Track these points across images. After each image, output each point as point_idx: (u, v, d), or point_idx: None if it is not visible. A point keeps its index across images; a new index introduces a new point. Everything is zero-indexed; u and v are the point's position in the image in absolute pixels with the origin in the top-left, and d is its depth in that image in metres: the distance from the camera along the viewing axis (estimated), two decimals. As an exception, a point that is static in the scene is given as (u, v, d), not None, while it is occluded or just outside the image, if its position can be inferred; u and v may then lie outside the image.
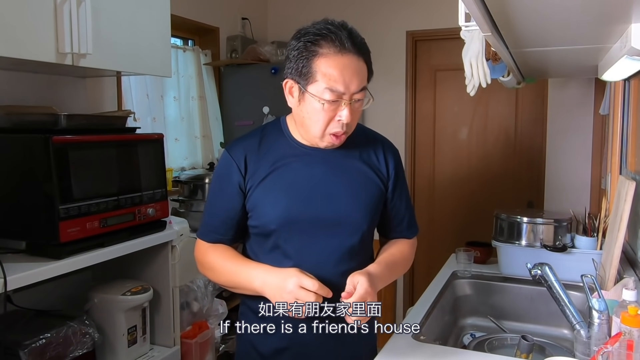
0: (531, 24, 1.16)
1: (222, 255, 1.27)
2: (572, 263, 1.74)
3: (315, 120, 1.18)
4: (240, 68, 3.24)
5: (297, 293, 1.09)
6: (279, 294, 1.12)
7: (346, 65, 1.15)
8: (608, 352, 1.07)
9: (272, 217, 1.23)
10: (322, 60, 1.15)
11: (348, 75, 1.15)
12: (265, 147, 1.28)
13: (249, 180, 1.25)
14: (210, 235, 1.30)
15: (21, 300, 1.72)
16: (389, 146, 1.36)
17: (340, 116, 1.17)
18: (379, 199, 1.30)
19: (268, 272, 1.18)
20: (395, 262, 1.31)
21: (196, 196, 2.64)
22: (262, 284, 1.17)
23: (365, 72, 1.19)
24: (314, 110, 1.18)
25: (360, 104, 1.20)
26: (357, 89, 1.16)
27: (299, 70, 1.17)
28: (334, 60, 1.14)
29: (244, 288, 1.23)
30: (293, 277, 1.11)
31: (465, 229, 3.45)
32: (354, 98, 1.17)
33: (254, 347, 1.31)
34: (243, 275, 1.22)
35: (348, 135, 1.24)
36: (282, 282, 1.12)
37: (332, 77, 1.14)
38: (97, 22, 1.69)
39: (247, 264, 1.26)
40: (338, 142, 1.23)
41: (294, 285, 1.10)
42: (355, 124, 1.25)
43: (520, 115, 3.41)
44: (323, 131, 1.20)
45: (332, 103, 1.16)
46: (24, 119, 1.75)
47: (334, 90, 1.14)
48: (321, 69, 1.15)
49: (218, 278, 1.29)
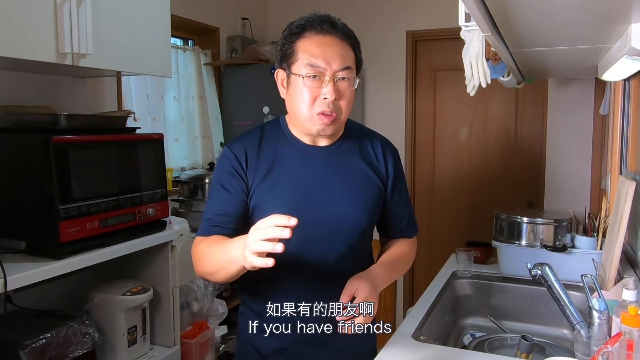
0: (531, 24, 1.16)
1: (209, 242, 1.18)
2: (572, 263, 1.74)
3: (300, 100, 1.18)
4: (240, 68, 3.24)
5: (257, 233, 0.94)
6: (244, 250, 0.96)
7: (327, 43, 1.17)
8: (608, 352, 1.07)
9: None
10: (304, 40, 1.18)
11: (329, 52, 1.16)
12: (265, 145, 1.27)
13: (250, 177, 1.24)
14: (211, 229, 1.22)
15: (21, 300, 1.72)
16: (388, 145, 1.36)
17: (324, 94, 1.16)
18: (378, 198, 1.30)
19: (241, 239, 1.03)
20: (396, 262, 1.31)
21: (196, 196, 2.63)
22: (235, 252, 1.02)
23: (350, 54, 1.20)
24: (298, 91, 1.18)
25: (347, 84, 1.19)
26: (339, 66, 1.17)
27: (284, 54, 1.21)
28: (315, 39, 1.18)
29: (225, 264, 1.10)
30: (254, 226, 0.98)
31: (465, 229, 3.45)
32: (337, 75, 1.17)
33: (253, 347, 1.31)
34: (222, 252, 1.10)
35: (340, 121, 1.21)
36: (245, 237, 0.99)
37: (313, 54, 1.16)
38: (97, 22, 1.69)
39: (228, 240, 1.12)
40: (329, 125, 1.19)
41: (253, 229, 0.96)
42: (348, 107, 1.21)
43: (520, 115, 3.41)
44: (309, 110, 1.18)
45: (314, 80, 1.16)
46: (24, 119, 1.75)
47: (314, 65, 1.16)
48: (302, 48, 1.18)
49: (204, 267, 1.18)
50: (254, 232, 0.95)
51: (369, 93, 3.63)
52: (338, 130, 1.27)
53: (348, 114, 1.23)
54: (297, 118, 1.23)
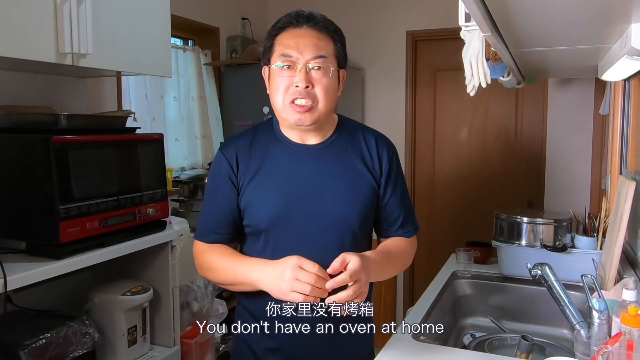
0: (531, 24, 1.16)
1: (220, 254, 1.26)
2: (572, 263, 1.74)
3: (275, 90, 1.21)
4: (240, 68, 3.24)
5: (298, 273, 1.06)
6: (277, 282, 1.09)
7: (302, 34, 1.20)
8: (608, 352, 1.07)
9: (262, 216, 1.23)
10: (281, 34, 1.22)
11: (302, 43, 1.19)
12: (256, 145, 1.28)
13: (241, 178, 1.25)
14: (208, 236, 1.30)
15: (21, 300, 1.72)
16: (383, 141, 1.32)
17: (296, 82, 1.18)
18: (371, 196, 1.27)
19: (265, 263, 1.17)
20: (391, 254, 1.28)
21: (196, 196, 2.63)
22: (259, 276, 1.15)
23: (326, 44, 1.21)
24: (274, 82, 1.21)
25: (321, 73, 1.19)
26: (312, 55, 1.18)
27: (264, 50, 1.25)
28: (291, 32, 1.21)
29: (242, 283, 1.21)
30: (293, 258, 1.09)
31: (465, 229, 3.45)
32: (310, 64, 1.18)
33: (248, 347, 1.31)
34: (240, 270, 1.21)
35: (319, 110, 1.20)
36: (280, 268, 1.09)
37: (286, 45, 1.19)
38: (97, 22, 1.69)
39: (245, 258, 1.25)
40: (304, 113, 1.18)
41: (294, 266, 1.07)
42: (326, 96, 1.19)
43: (520, 115, 3.41)
44: (283, 100, 1.20)
45: (288, 70, 1.19)
46: (24, 119, 1.75)
47: (285, 54, 1.19)
48: (279, 42, 1.22)
49: (217, 277, 1.28)
50: (296, 271, 1.07)
51: (369, 93, 3.63)
52: (321, 122, 1.24)
53: (328, 104, 1.21)
54: (276, 110, 1.24)
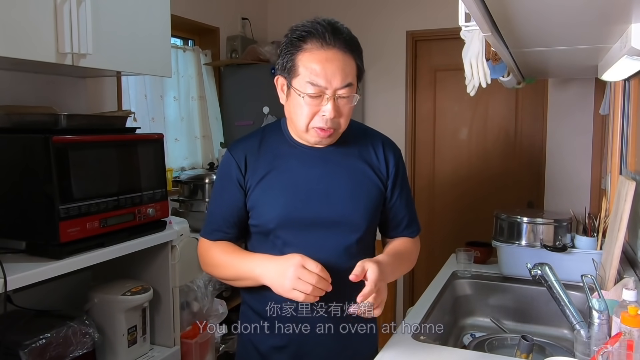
0: (531, 24, 1.16)
1: (225, 251, 1.28)
2: (572, 263, 1.74)
3: (299, 114, 1.19)
4: (240, 68, 3.24)
5: (301, 272, 1.08)
6: (279, 279, 1.11)
7: (329, 59, 1.14)
8: (608, 352, 1.07)
9: (271, 216, 1.24)
10: (305, 54, 1.15)
11: (330, 70, 1.14)
12: (265, 147, 1.29)
13: (249, 180, 1.26)
14: (214, 234, 1.31)
15: (21, 300, 1.72)
16: (389, 145, 1.35)
17: (323, 111, 1.16)
18: (378, 199, 1.29)
19: (268, 259, 1.18)
20: (401, 255, 1.32)
21: (196, 196, 2.63)
22: (262, 270, 1.17)
23: (352, 68, 1.17)
24: (297, 105, 1.18)
25: (347, 101, 1.18)
26: (340, 84, 1.15)
27: (284, 65, 1.19)
28: (316, 54, 1.14)
29: (246, 278, 1.23)
30: (296, 257, 1.11)
31: (465, 229, 3.45)
32: (338, 94, 1.15)
33: (253, 346, 1.32)
34: (244, 266, 1.22)
35: (339, 133, 1.23)
36: (284, 265, 1.11)
37: (313, 71, 1.14)
38: (97, 22, 1.69)
39: (249, 254, 1.27)
40: (326, 138, 1.21)
41: (297, 265, 1.09)
42: (346, 122, 1.22)
43: (520, 115, 3.41)
44: (307, 125, 1.19)
45: (314, 98, 1.15)
46: (24, 119, 1.75)
47: (314, 84, 1.14)
48: (303, 63, 1.15)
49: (221, 273, 1.30)
50: (299, 270, 1.08)
51: (369, 93, 3.63)
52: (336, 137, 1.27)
53: (346, 126, 1.23)
54: (295, 128, 1.24)
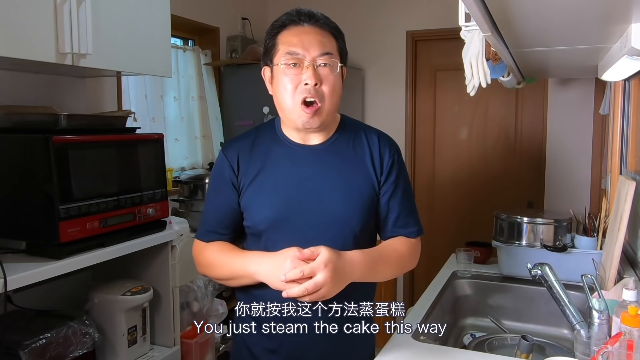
0: (531, 24, 1.16)
1: (219, 250, 1.27)
2: (572, 263, 1.74)
3: (282, 90, 1.19)
4: (240, 68, 3.24)
5: (298, 265, 1.07)
6: (276, 272, 1.10)
7: (305, 32, 1.19)
8: (608, 352, 1.07)
9: (262, 217, 1.23)
10: (283, 32, 1.21)
11: (307, 40, 1.18)
12: (257, 146, 1.28)
13: (242, 180, 1.25)
14: (209, 235, 1.30)
15: (21, 300, 1.72)
16: (385, 140, 1.31)
17: (304, 79, 1.17)
18: (372, 197, 1.26)
19: (263, 255, 1.18)
20: (383, 252, 1.25)
21: (196, 196, 2.64)
22: (257, 267, 1.15)
23: (330, 41, 1.21)
24: (280, 81, 1.19)
25: (328, 70, 1.19)
26: (318, 52, 1.18)
27: (265, 49, 1.23)
28: (293, 30, 1.20)
29: (240, 276, 1.21)
30: (292, 250, 1.10)
31: (465, 229, 3.45)
32: (317, 61, 1.18)
33: (246, 347, 1.31)
34: (238, 263, 1.21)
35: (326, 110, 1.20)
36: (280, 259, 1.10)
37: (290, 43, 1.18)
38: (97, 22, 1.69)
39: (243, 252, 1.26)
40: (312, 116, 1.18)
41: (294, 257, 1.08)
42: (332, 94, 1.19)
43: (520, 115, 3.41)
44: (292, 99, 1.18)
45: (294, 67, 1.18)
46: (24, 119, 1.75)
47: (292, 53, 1.17)
48: (282, 40, 1.20)
49: (216, 273, 1.28)
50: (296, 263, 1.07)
51: (369, 93, 3.63)
52: (326, 123, 1.24)
53: (333, 103, 1.21)
54: (283, 111, 1.23)
